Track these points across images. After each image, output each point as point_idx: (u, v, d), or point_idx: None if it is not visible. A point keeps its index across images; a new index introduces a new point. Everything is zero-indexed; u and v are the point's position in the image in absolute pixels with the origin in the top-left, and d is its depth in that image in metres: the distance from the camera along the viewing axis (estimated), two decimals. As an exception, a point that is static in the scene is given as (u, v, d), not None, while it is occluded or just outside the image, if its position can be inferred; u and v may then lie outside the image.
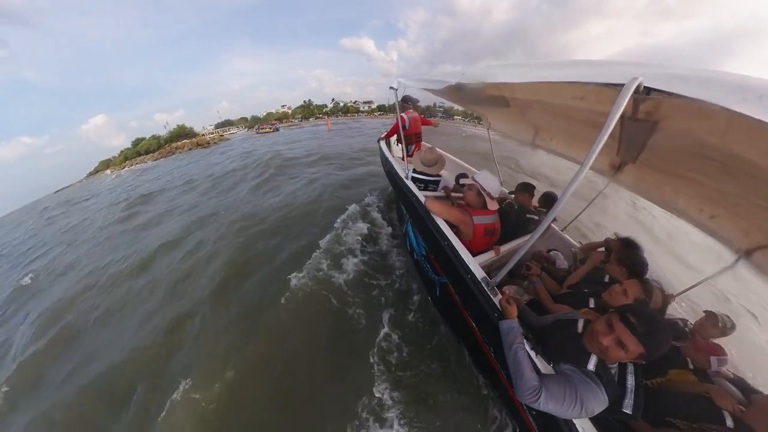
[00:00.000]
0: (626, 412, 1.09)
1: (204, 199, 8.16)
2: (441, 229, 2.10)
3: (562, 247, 2.81)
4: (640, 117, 1.30)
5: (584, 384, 1.09)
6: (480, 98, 2.45)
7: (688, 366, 1.65)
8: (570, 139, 2.60)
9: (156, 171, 20.35)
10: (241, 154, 15.19)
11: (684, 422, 1.26)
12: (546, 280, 2.13)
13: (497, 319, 1.52)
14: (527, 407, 1.60)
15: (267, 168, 9.36)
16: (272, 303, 3.10)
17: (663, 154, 1.76)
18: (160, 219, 7.47)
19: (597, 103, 1.42)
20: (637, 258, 1.88)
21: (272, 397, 2.26)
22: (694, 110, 0.98)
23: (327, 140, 17.66)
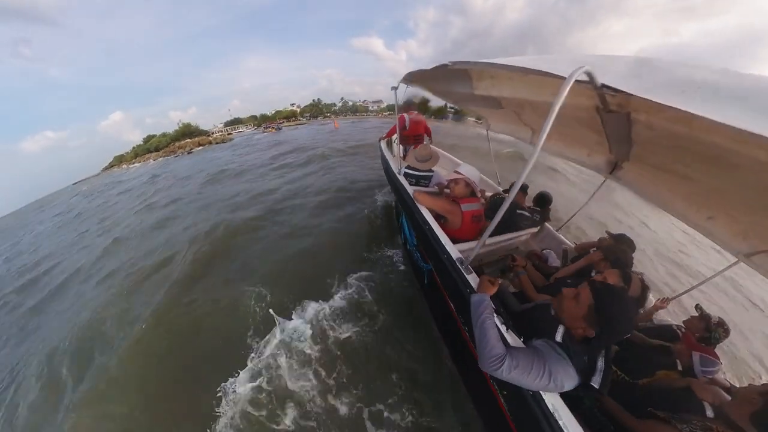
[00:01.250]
0: (593, 385, 1.11)
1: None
2: (424, 217, 2.23)
3: (556, 246, 2.77)
4: (612, 109, 1.32)
5: (553, 357, 1.12)
6: (473, 98, 2.49)
7: (677, 367, 1.64)
8: (564, 137, 2.59)
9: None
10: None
11: (665, 413, 1.26)
12: (532, 273, 2.15)
13: (469, 294, 1.56)
14: (498, 386, 1.63)
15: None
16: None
17: (651, 148, 1.74)
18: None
19: (574, 98, 1.45)
20: (620, 251, 1.88)
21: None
22: (647, 102, 1.01)
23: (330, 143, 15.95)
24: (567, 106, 1.59)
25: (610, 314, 1.06)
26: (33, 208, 24.12)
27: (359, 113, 69.77)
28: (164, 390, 2.34)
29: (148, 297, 3.55)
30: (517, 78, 1.82)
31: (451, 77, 2.35)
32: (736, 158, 1.13)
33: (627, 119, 1.34)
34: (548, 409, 1.15)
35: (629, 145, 1.82)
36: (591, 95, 1.33)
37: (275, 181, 8.36)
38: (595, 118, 1.60)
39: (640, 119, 1.24)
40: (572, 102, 1.48)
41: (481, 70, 1.96)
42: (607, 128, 1.64)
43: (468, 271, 1.73)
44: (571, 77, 1.05)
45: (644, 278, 1.79)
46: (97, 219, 9.72)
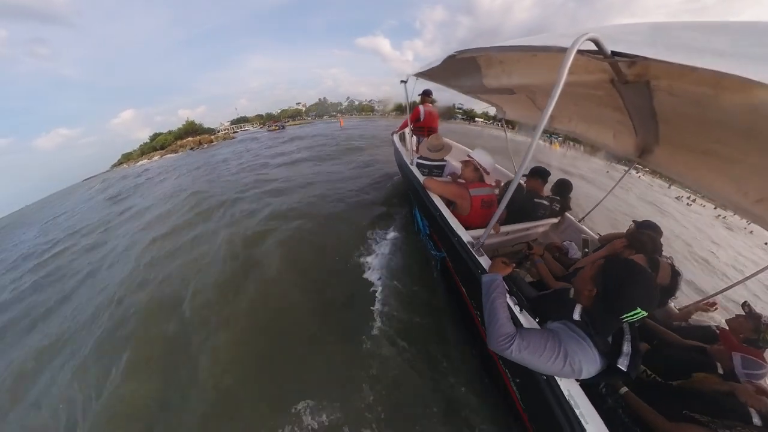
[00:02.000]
0: (620, 368, 0.99)
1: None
2: (435, 203, 2.23)
3: (578, 238, 2.59)
4: (629, 79, 1.22)
5: (571, 338, 1.03)
6: (485, 87, 2.43)
7: (717, 370, 1.46)
8: (585, 119, 2.43)
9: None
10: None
11: (704, 416, 1.14)
12: (550, 262, 2.04)
13: (479, 274, 1.53)
14: (510, 373, 1.57)
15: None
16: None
17: (680, 125, 1.58)
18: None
19: (586, 74, 1.36)
20: (645, 236, 1.71)
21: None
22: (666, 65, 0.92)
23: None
24: (580, 83, 1.52)
25: (616, 276, 0.98)
26: (58, 197, 25.64)
27: (365, 113, 69.67)
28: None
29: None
30: (525, 61, 1.74)
31: (461, 68, 2.30)
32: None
33: (647, 88, 1.22)
34: (563, 396, 1.07)
35: (655, 123, 1.67)
36: (603, 68, 1.23)
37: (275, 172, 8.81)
38: (613, 94, 1.49)
39: (661, 86, 1.13)
40: (585, 79, 1.40)
41: (489, 57, 1.91)
42: (626, 102, 1.52)
43: (479, 253, 1.69)
44: (573, 46, 0.99)
45: (674, 263, 1.61)
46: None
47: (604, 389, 1.37)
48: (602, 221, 4.74)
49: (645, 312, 0.93)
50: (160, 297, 3.29)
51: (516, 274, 1.90)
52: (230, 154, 15.57)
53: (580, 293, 1.13)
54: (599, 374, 1.04)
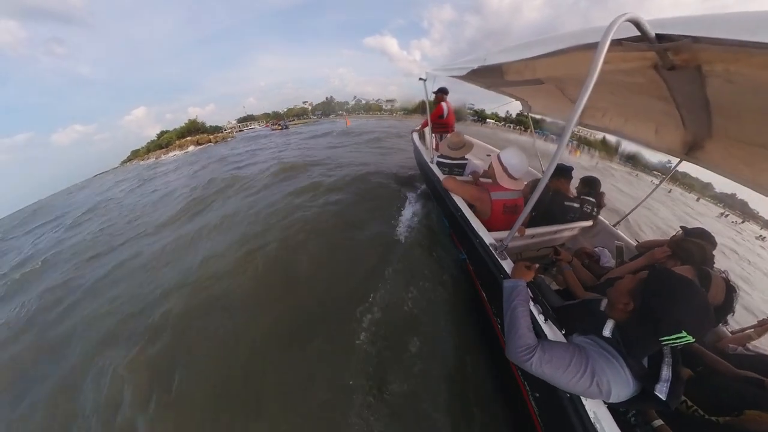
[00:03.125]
0: (659, 395, 0.87)
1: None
2: (456, 204, 2.16)
3: (611, 245, 2.36)
4: (676, 64, 1.05)
5: (600, 356, 0.93)
6: (509, 82, 2.28)
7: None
8: (622, 112, 2.19)
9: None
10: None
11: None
12: (579, 270, 1.86)
13: (502, 279, 1.45)
14: (530, 387, 1.46)
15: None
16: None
17: (740, 116, 1.37)
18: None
19: (623, 61, 1.21)
20: (694, 245, 1.49)
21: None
22: (726, 48, 0.77)
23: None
24: (618, 70, 1.36)
25: (660, 291, 0.85)
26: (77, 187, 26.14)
27: (372, 112, 67.53)
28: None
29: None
30: (551, 58, 1.60)
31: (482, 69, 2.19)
32: None
33: (698, 74, 1.06)
34: (588, 418, 0.97)
35: (707, 113, 1.46)
36: (646, 54, 1.08)
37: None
38: (657, 81, 1.32)
39: (716, 71, 0.97)
40: (624, 66, 1.25)
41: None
42: (673, 91, 1.33)
43: (502, 257, 1.60)
44: (609, 31, 0.87)
45: (729, 277, 1.39)
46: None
47: (634, 418, 1.22)
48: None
49: (691, 338, 0.80)
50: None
51: (541, 281, 1.78)
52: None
53: (614, 306, 1.01)
54: (631, 400, 0.92)
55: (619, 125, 2.29)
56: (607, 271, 2.06)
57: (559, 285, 2.01)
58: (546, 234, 2.31)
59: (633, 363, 0.91)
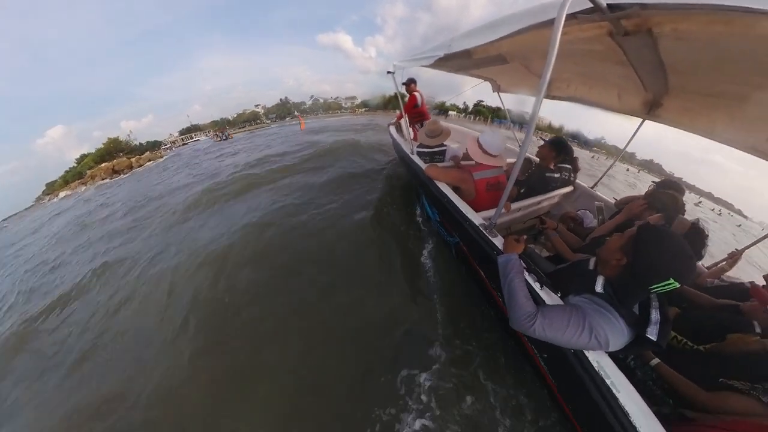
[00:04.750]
0: (650, 337, 0.94)
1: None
2: (441, 190, 2.16)
3: (592, 206, 2.48)
4: (629, 30, 1.11)
5: (595, 311, 0.99)
6: (475, 62, 2.31)
7: (755, 330, 1.37)
8: (586, 80, 2.28)
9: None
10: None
11: (743, 382, 1.07)
12: (565, 234, 1.96)
13: (495, 256, 1.48)
14: (537, 349, 1.54)
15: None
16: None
17: (693, 70, 1.45)
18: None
19: (580, 32, 1.26)
20: (666, 195, 1.61)
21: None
22: (671, 11, 0.82)
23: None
24: (577, 40, 1.41)
25: (650, 245, 0.93)
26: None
27: (332, 111, 62.00)
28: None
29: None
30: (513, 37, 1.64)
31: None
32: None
33: (650, 37, 1.12)
34: (593, 368, 1.03)
35: (663, 72, 1.55)
36: (601, 24, 1.13)
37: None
38: (614, 48, 1.38)
39: (665, 32, 1.03)
40: (581, 36, 1.30)
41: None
42: (629, 54, 1.40)
43: (493, 234, 1.64)
44: (563, 6, 0.91)
45: (699, 222, 1.51)
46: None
47: (633, 362, 1.32)
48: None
49: (678, 284, 0.87)
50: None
51: (531, 251, 1.85)
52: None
53: (606, 263, 1.07)
54: (628, 346, 1.00)
55: (584, 93, 2.38)
56: (591, 231, 2.17)
57: (549, 251, 2.09)
58: (531, 206, 2.39)
59: (625, 313, 0.97)
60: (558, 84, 2.53)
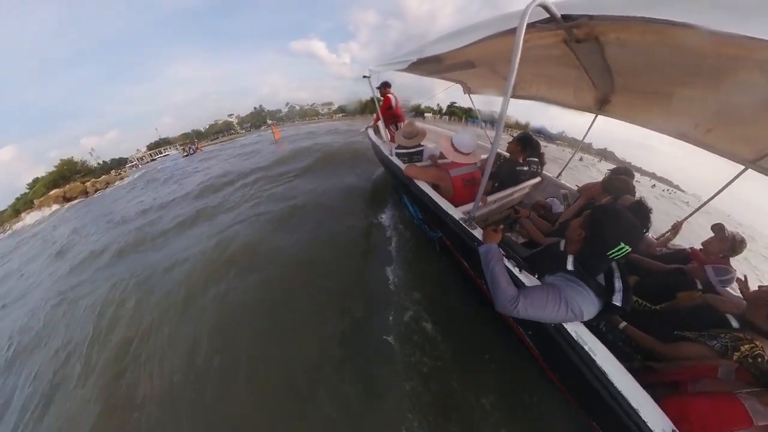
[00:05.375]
0: (616, 304, 1.07)
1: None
2: (421, 189, 2.24)
3: (559, 193, 2.72)
4: (580, 38, 1.27)
5: (569, 287, 1.10)
6: (446, 67, 2.44)
7: (697, 287, 1.61)
8: (546, 80, 2.50)
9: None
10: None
11: (693, 332, 1.26)
12: (537, 221, 2.14)
13: (476, 247, 1.58)
14: (522, 328, 1.67)
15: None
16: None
17: (632, 71, 1.67)
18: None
19: (539, 39, 1.40)
20: (618, 180, 1.84)
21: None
22: (614, 22, 0.96)
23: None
24: (537, 46, 1.57)
25: (601, 219, 1.08)
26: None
27: (309, 117, 59.57)
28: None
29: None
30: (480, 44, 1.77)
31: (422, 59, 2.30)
32: (716, 62, 1.08)
33: (597, 44, 1.29)
34: (572, 337, 1.15)
35: (609, 74, 1.76)
36: (556, 32, 1.28)
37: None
38: (568, 53, 1.55)
39: (610, 39, 1.19)
40: (541, 42, 1.45)
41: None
42: (581, 59, 1.58)
43: (472, 227, 1.74)
44: (524, 16, 1.02)
45: (643, 199, 1.74)
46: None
47: (604, 327, 1.48)
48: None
49: (628, 247, 1.00)
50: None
51: (508, 239, 1.99)
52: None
53: (571, 241, 1.19)
54: (599, 314, 1.12)
55: (545, 92, 2.60)
56: (559, 216, 2.38)
57: (524, 238, 2.26)
58: (504, 198, 2.56)
59: (594, 284, 1.10)
60: (522, 85, 2.74)
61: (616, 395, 1.03)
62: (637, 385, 1.02)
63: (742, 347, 1.09)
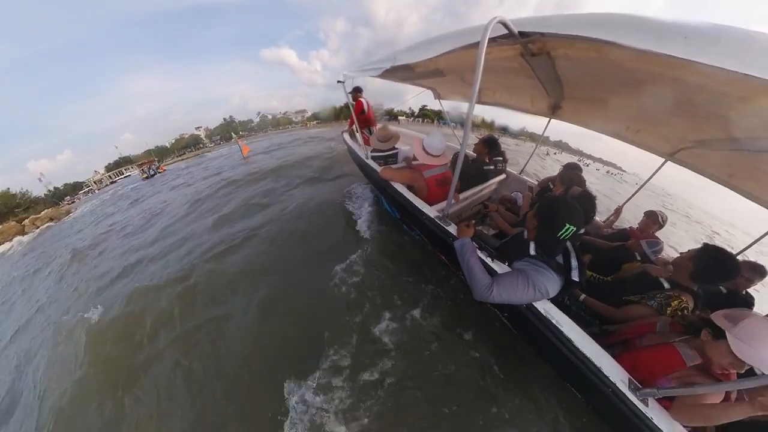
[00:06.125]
0: (574, 279, 1.21)
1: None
2: (397, 190, 2.30)
3: (523, 188, 2.99)
4: (534, 52, 1.44)
5: (534, 270, 1.22)
6: (417, 74, 2.58)
7: (636, 258, 1.92)
8: (507, 89, 2.75)
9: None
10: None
11: (636, 296, 1.48)
12: (504, 214, 2.35)
13: (452, 242, 1.68)
14: (500, 311, 1.81)
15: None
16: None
17: (577, 82, 1.91)
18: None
19: (500, 53, 1.56)
20: (570, 174, 2.13)
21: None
22: (561, 39, 1.13)
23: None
24: (498, 59, 1.74)
25: (547, 207, 1.24)
26: None
27: (282, 126, 56.14)
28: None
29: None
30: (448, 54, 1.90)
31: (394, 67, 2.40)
32: (641, 76, 1.30)
33: (549, 58, 1.47)
34: (542, 315, 1.29)
35: (560, 84, 2.00)
36: (514, 46, 1.44)
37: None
38: (525, 65, 1.74)
39: (559, 54, 1.37)
40: (501, 54, 1.61)
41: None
42: (536, 71, 1.78)
43: (447, 224, 1.84)
44: (486, 30, 1.14)
45: (587, 189, 2.03)
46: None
47: (567, 301, 1.67)
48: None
49: (574, 227, 1.15)
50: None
51: (480, 232, 2.14)
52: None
53: (529, 229, 1.34)
54: (561, 290, 1.27)
55: (506, 99, 2.86)
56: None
57: (494, 229, 2.45)
58: (474, 195, 2.74)
59: (554, 265, 1.24)
60: (486, 92, 2.98)
61: (582, 358, 1.19)
62: (598, 347, 1.19)
63: (673, 303, 1.32)
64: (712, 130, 1.61)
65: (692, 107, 1.47)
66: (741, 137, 1.44)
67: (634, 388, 1.07)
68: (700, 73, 0.93)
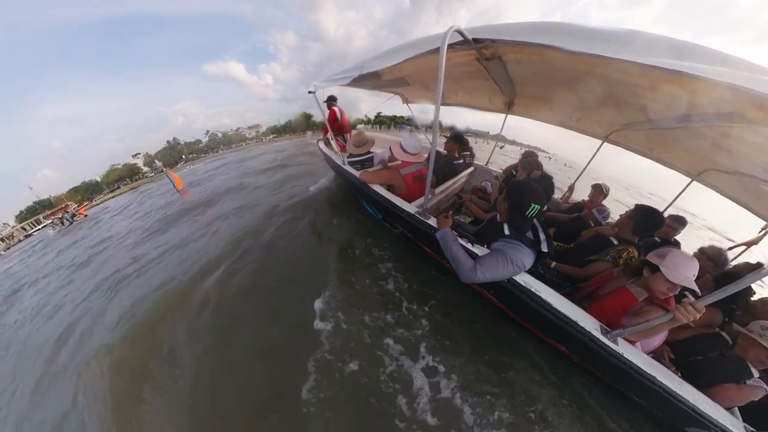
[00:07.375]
0: (544, 250, 1.34)
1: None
2: (377, 191, 2.37)
3: (490, 177, 3.24)
4: (488, 57, 1.61)
5: (510, 248, 1.33)
6: (385, 83, 2.70)
7: (591, 224, 2.22)
8: (467, 91, 2.99)
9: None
10: None
11: (595, 255, 1.71)
12: (477, 202, 2.55)
13: (434, 233, 1.77)
14: (486, 290, 1.95)
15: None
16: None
17: (526, 82, 2.15)
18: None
19: (458, 58, 1.72)
20: (529, 160, 2.39)
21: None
22: (510, 45, 1.29)
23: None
24: (457, 64, 1.91)
25: (514, 191, 1.36)
26: None
27: (234, 144, 52.64)
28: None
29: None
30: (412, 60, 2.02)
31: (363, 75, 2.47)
32: (575, 74, 1.52)
33: (501, 62, 1.65)
34: (522, 286, 1.44)
35: (512, 84, 2.23)
36: (470, 52, 1.59)
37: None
38: (481, 69, 1.93)
39: (509, 58, 1.56)
40: (459, 60, 1.77)
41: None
42: (491, 73, 1.98)
43: (427, 218, 1.93)
44: (446, 37, 1.26)
45: (546, 172, 2.27)
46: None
47: (542, 270, 1.87)
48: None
49: (538, 205, 1.29)
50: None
51: (458, 221, 2.27)
52: None
53: (500, 212, 1.46)
54: (535, 261, 1.40)
55: (467, 100, 3.09)
56: (492, 196, 2.84)
57: (470, 217, 2.63)
58: (449, 188, 2.89)
59: (526, 240, 1.37)
60: (449, 94, 3.19)
61: (561, 316, 1.35)
62: (572, 304, 1.36)
63: (623, 254, 1.56)
64: (633, 114, 1.90)
65: (615, 98, 1.74)
66: (655, 118, 1.73)
67: (605, 332, 1.24)
68: (617, 69, 1.13)
